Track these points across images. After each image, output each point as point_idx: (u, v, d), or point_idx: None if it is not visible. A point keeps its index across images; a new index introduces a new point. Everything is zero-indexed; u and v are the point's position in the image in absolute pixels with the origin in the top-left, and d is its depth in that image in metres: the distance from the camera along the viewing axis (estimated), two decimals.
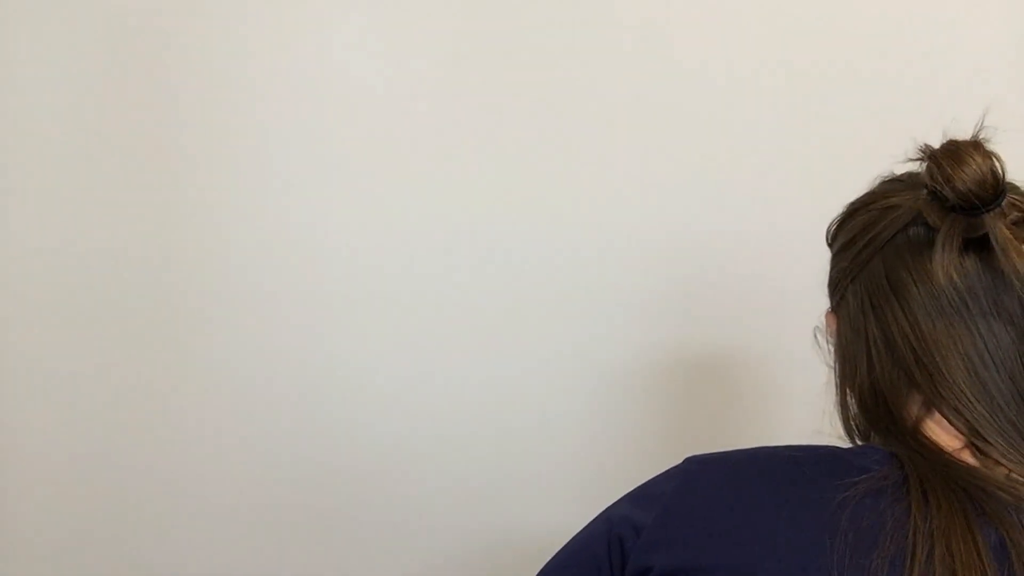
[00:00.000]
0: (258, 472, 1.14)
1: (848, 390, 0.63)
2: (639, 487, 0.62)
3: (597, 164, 1.12)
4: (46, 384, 1.13)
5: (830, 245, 0.67)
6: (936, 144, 0.59)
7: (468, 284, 1.13)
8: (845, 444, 0.62)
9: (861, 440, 0.62)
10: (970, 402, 0.56)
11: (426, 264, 1.13)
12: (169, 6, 1.10)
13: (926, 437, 0.57)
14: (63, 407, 1.13)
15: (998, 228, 0.55)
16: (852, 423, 0.63)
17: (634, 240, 1.13)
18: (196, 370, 1.13)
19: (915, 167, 0.60)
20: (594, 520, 0.64)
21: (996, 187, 0.55)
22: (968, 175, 0.55)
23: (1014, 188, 0.59)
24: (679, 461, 0.61)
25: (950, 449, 0.56)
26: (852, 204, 0.66)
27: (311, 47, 1.11)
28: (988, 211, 0.55)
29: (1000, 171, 0.55)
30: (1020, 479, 0.54)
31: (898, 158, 0.62)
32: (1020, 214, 0.56)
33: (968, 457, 0.56)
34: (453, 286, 1.13)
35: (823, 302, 0.67)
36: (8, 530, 1.14)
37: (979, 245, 0.57)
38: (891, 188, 0.64)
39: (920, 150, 0.58)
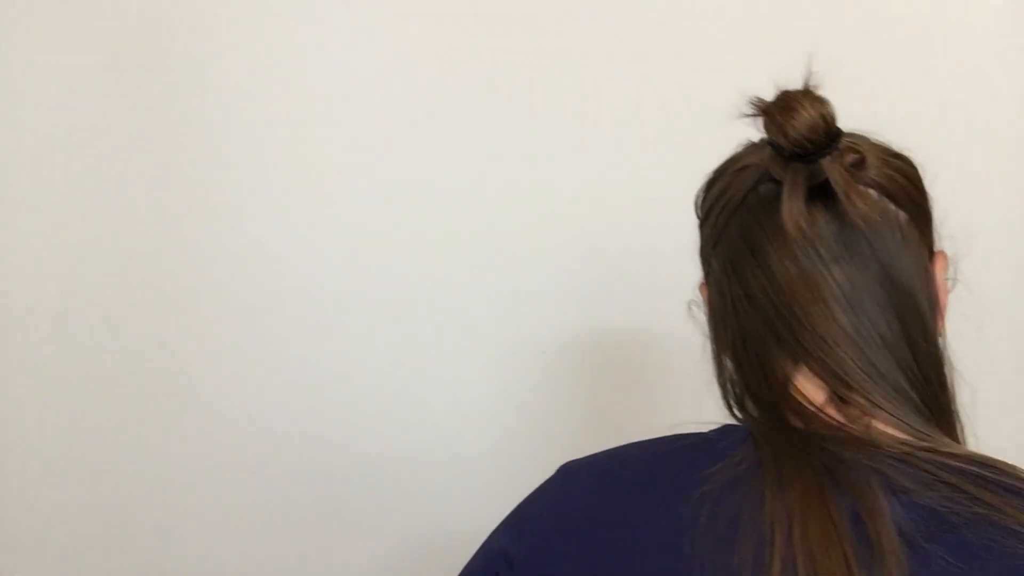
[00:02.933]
0: (257, 474, 1.14)
1: (723, 355, 0.62)
2: (515, 509, 0.61)
3: (579, 163, 1.14)
4: (45, 386, 1.12)
5: (698, 218, 0.67)
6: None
7: (462, 287, 1.15)
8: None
9: (738, 409, 0.61)
10: (831, 348, 0.55)
11: (422, 266, 1.15)
12: (167, 9, 1.11)
13: (798, 392, 0.56)
14: (62, 410, 1.13)
15: (836, 172, 0.55)
16: (729, 388, 0.61)
17: (629, 241, 1.15)
18: (195, 373, 1.13)
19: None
20: (475, 554, 0.62)
21: (828, 131, 0.55)
22: (799, 122, 0.55)
23: (852, 135, 0.59)
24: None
25: (817, 403, 0.55)
26: (712, 172, 0.65)
27: (308, 51, 1.13)
28: (824, 156, 0.55)
29: (830, 115, 0.55)
30: (881, 430, 0.53)
31: None
32: (857, 155, 0.56)
33: (832, 411, 0.55)
34: (448, 289, 1.15)
35: None
36: (8, 531, 1.13)
37: (823, 192, 0.56)
38: (743, 151, 0.63)
39: (752, 104, 0.58)
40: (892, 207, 0.58)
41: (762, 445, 0.53)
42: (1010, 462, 0.51)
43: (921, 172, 0.62)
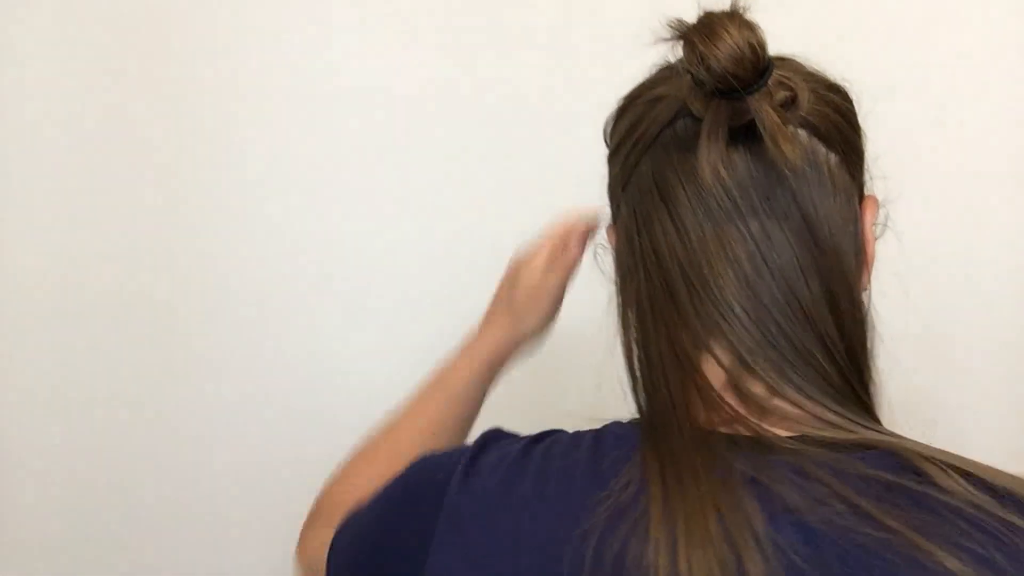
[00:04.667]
0: (255, 473, 1.13)
1: (628, 311, 0.55)
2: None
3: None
4: (45, 386, 1.10)
5: (607, 148, 0.59)
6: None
7: (465, 284, 1.11)
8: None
9: (644, 393, 0.53)
10: (737, 319, 0.48)
11: (424, 265, 1.13)
12: (168, 9, 1.08)
13: (700, 373, 0.50)
14: (62, 409, 1.11)
15: (764, 112, 0.47)
16: (633, 350, 0.55)
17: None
18: (195, 372, 1.12)
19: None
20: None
21: (756, 64, 0.47)
22: (723, 52, 0.46)
23: (784, 63, 0.51)
24: None
25: (719, 384, 0.49)
26: (623, 99, 0.57)
27: (310, 50, 1.10)
28: (751, 93, 0.47)
29: (759, 44, 0.47)
30: (781, 415, 0.47)
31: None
32: (788, 93, 0.48)
33: (731, 397, 0.49)
34: (451, 287, 1.13)
35: None
36: (8, 530, 1.11)
37: (748, 134, 0.49)
38: (659, 76, 0.55)
39: (671, 27, 0.49)
40: (822, 149, 0.51)
41: (649, 460, 0.46)
42: (930, 445, 0.46)
43: (856, 106, 0.55)
